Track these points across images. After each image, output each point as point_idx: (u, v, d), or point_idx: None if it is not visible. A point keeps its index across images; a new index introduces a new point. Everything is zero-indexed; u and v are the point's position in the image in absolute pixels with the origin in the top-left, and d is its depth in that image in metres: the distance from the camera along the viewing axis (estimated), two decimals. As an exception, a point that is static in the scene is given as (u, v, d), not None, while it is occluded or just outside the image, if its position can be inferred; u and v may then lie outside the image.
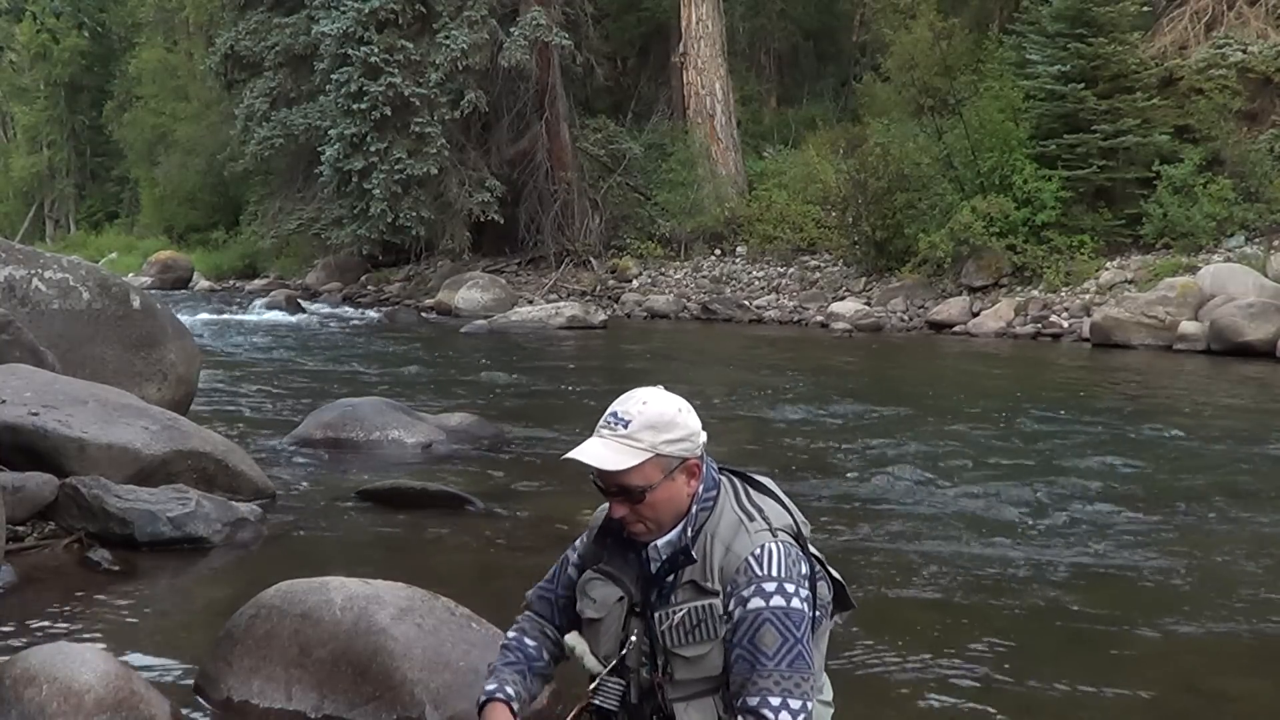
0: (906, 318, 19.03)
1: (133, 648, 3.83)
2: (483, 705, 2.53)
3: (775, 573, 2.35)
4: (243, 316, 20.88)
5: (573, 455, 2.41)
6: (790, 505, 2.54)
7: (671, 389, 2.48)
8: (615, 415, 2.41)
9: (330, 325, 19.79)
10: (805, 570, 2.42)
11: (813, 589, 2.44)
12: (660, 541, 2.46)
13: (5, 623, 4.02)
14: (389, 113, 22.75)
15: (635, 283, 23.58)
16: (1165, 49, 19.90)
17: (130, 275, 27.08)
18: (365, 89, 22.53)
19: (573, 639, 2.54)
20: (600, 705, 2.50)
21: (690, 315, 21.34)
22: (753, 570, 2.35)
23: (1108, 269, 18.04)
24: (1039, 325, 17.20)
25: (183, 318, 9.10)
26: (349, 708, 3.28)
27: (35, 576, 4.54)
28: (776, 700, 2.29)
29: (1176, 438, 8.62)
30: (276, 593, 3.51)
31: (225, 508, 5.27)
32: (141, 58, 41.01)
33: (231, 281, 31.63)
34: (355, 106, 22.70)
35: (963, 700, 3.70)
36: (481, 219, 24.13)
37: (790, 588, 2.35)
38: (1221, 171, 18.05)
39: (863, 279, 21.02)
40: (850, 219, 21.22)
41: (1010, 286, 18.65)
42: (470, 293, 22.27)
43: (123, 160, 44.06)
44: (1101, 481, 6.96)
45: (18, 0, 17.32)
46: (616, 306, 22.42)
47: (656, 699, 2.45)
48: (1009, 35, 21.28)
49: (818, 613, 2.47)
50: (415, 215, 23.28)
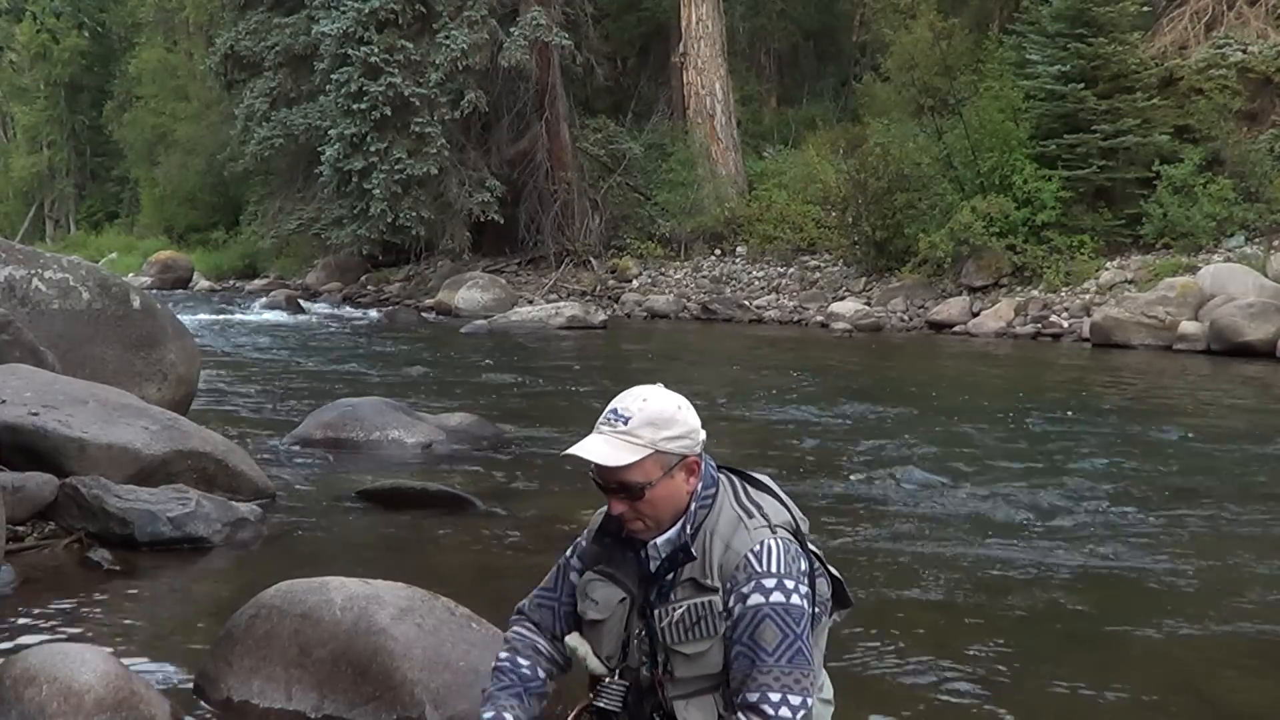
0: (906, 318, 19.02)
1: (133, 648, 3.83)
2: None
3: (775, 569, 2.36)
4: (243, 316, 20.87)
5: (573, 451, 2.41)
6: (788, 502, 2.55)
7: (671, 388, 2.48)
8: (615, 412, 2.41)
9: (330, 325, 19.79)
10: (804, 566, 2.43)
11: (812, 585, 2.45)
12: (659, 539, 2.46)
13: (5, 623, 4.02)
14: (389, 113, 22.76)
15: (635, 283, 23.57)
16: (1165, 49, 19.89)
17: (130, 275, 27.08)
18: (365, 89, 22.54)
19: (575, 640, 2.54)
20: (603, 707, 2.49)
21: (690, 315, 21.33)
22: (752, 567, 2.36)
23: (1108, 269, 18.04)
24: (1039, 325, 17.19)
25: (183, 318, 9.08)
26: (349, 708, 3.27)
27: (35, 576, 4.53)
28: (776, 696, 2.30)
29: (1177, 438, 8.61)
30: (276, 593, 3.51)
31: (225, 508, 5.26)
32: (141, 58, 41.04)
33: (231, 281, 31.66)
34: (355, 106, 22.71)
35: (964, 700, 3.69)
36: (481, 219, 24.14)
37: (790, 584, 2.35)
38: (1221, 171, 18.05)
39: (863, 279, 21.02)
40: (850, 219, 21.22)
41: (1010, 286, 18.64)
42: (470, 293, 22.27)
43: (123, 160, 44.10)
44: (1103, 482, 6.95)
45: (18, 0, 17.30)
46: (616, 306, 22.41)
47: (657, 697, 2.46)
48: (1009, 35, 21.27)
49: (817, 609, 2.47)
50: (415, 215, 23.28)
